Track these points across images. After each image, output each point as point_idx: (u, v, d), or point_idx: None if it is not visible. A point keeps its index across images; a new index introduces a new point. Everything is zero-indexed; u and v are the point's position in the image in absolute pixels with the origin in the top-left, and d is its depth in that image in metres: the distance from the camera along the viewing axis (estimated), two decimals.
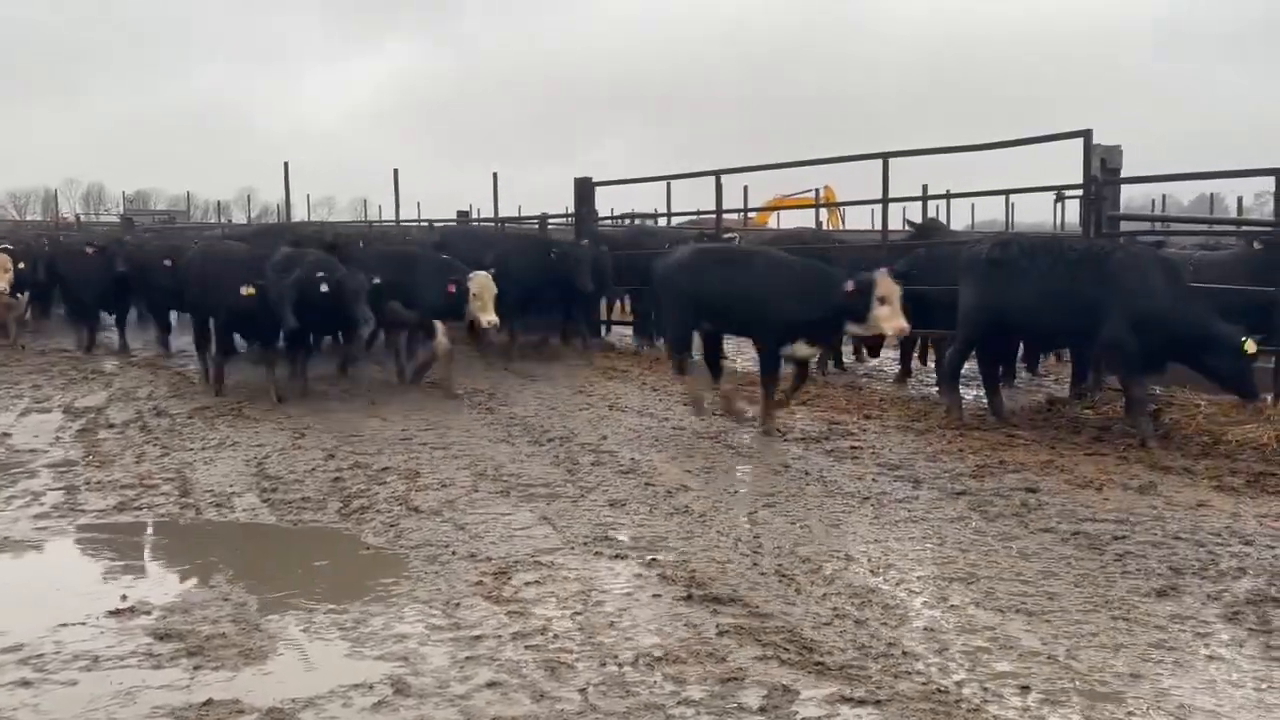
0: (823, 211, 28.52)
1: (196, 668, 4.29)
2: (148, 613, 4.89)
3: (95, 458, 8.11)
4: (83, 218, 45.21)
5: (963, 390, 9.85)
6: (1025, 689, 4.04)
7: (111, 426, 9.34)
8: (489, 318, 10.83)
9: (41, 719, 3.90)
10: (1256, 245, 9.69)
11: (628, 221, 23.72)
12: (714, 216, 16.15)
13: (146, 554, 5.97)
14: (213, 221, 44.17)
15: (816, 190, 27.48)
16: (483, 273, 10.90)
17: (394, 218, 25.18)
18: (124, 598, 5.06)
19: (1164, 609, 4.84)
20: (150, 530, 6.40)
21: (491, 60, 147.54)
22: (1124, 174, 10.39)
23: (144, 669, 4.28)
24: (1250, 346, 7.77)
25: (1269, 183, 10.17)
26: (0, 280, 14.67)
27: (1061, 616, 4.76)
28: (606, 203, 23.99)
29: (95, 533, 6.32)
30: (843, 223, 30.87)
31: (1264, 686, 4.08)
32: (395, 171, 23.91)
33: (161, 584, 5.39)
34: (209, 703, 3.95)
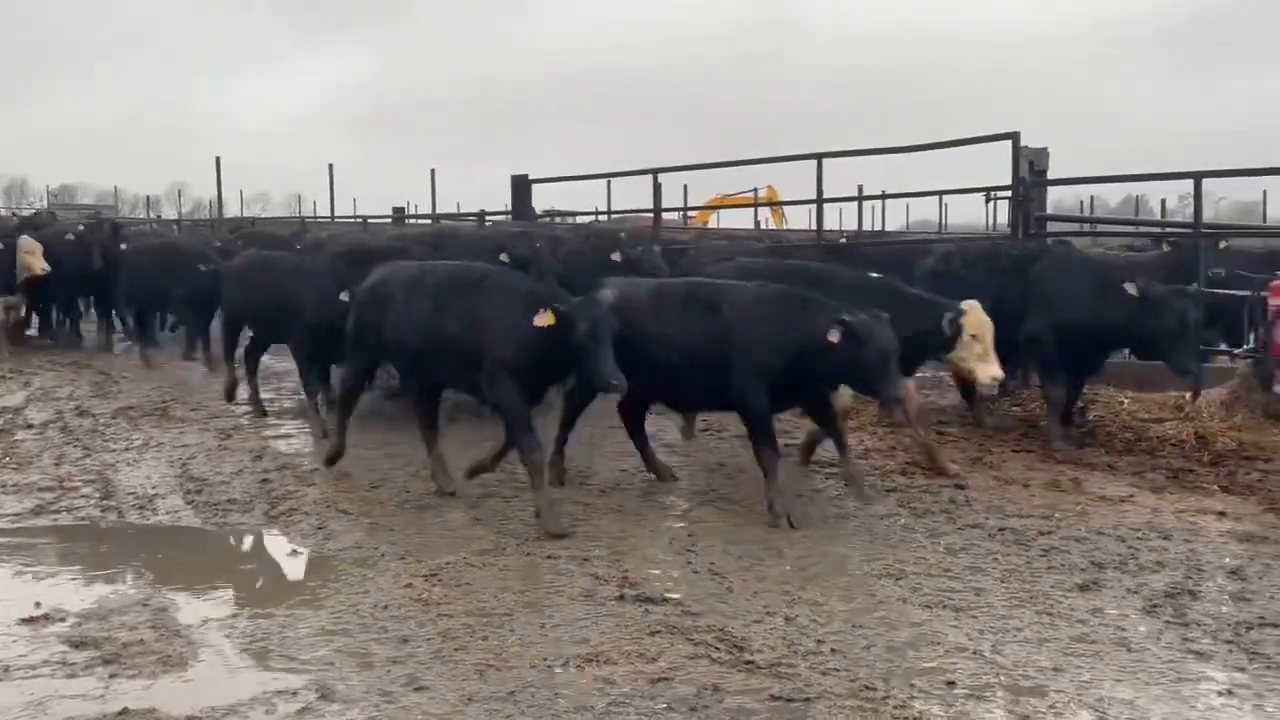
0: (764, 211, 28.72)
1: (112, 676, 4.17)
2: (63, 620, 4.75)
3: (12, 459, 7.87)
4: (3, 212, 43.84)
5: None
6: (951, 684, 4.09)
7: (30, 427, 9.07)
8: (992, 370, 7.10)
9: None
10: (1166, 247, 9.84)
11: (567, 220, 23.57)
12: (652, 215, 16.14)
13: (64, 559, 5.78)
14: (141, 217, 43.14)
15: (756, 190, 27.64)
16: (975, 302, 7.15)
17: (329, 214, 24.81)
18: (38, 605, 4.90)
19: (1086, 603, 4.94)
20: (69, 534, 6.21)
21: (431, 63, 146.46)
22: (1052, 176, 10.61)
23: (57, 678, 4.16)
24: None
25: (1190, 185, 10.44)
26: (36, 262, 13.27)
27: (987, 612, 4.83)
28: (545, 201, 23.86)
29: (9, 537, 6.12)
30: (785, 222, 31.10)
31: (1179, 678, 4.17)
32: (330, 167, 23.56)
33: (78, 590, 5.23)
34: (124, 712, 3.85)
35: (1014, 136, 10.15)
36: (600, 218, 22.25)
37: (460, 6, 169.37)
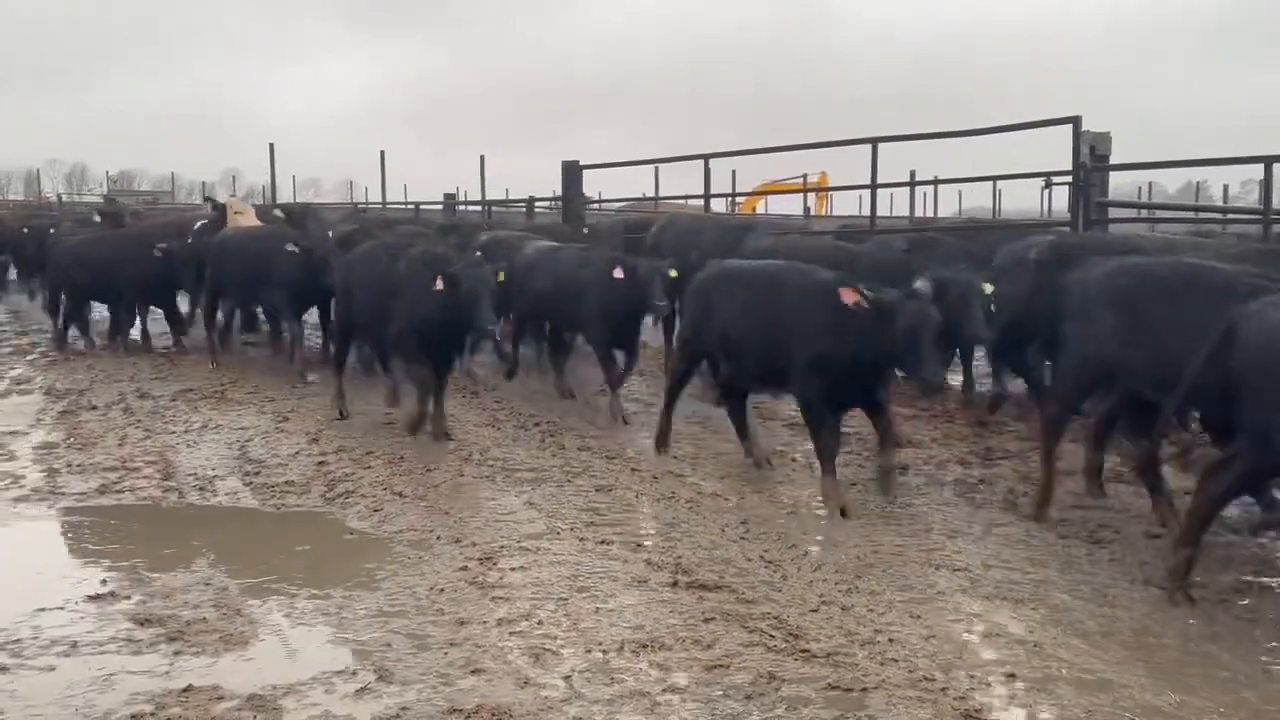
0: (811, 196, 28.48)
1: (177, 653, 4.25)
2: (128, 598, 4.85)
3: (77, 440, 8.03)
4: (65, 198, 44.80)
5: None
6: (1011, 676, 4.03)
7: (94, 409, 9.24)
8: None
9: (18, 705, 3.85)
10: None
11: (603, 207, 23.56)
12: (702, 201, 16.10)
13: (128, 538, 5.89)
14: (197, 203, 43.88)
15: (805, 176, 27.42)
16: None
17: (380, 200, 25.06)
18: (104, 582, 5.02)
19: (1149, 597, 4.83)
20: (132, 514, 6.33)
21: (480, 57, 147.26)
22: (1112, 161, 10.39)
23: (123, 655, 4.24)
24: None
25: (1256, 170, 10.19)
26: (247, 219, 12.09)
27: (1048, 604, 4.75)
28: (594, 187, 23.85)
29: (76, 516, 6.26)
30: (830, 209, 30.81)
31: (1243, 675, 4.07)
32: (382, 154, 23.85)
33: (143, 568, 5.33)
34: (189, 689, 3.91)
35: (1075, 121, 9.95)
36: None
37: (510, 2, 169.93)
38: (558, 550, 5.45)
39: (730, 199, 23.20)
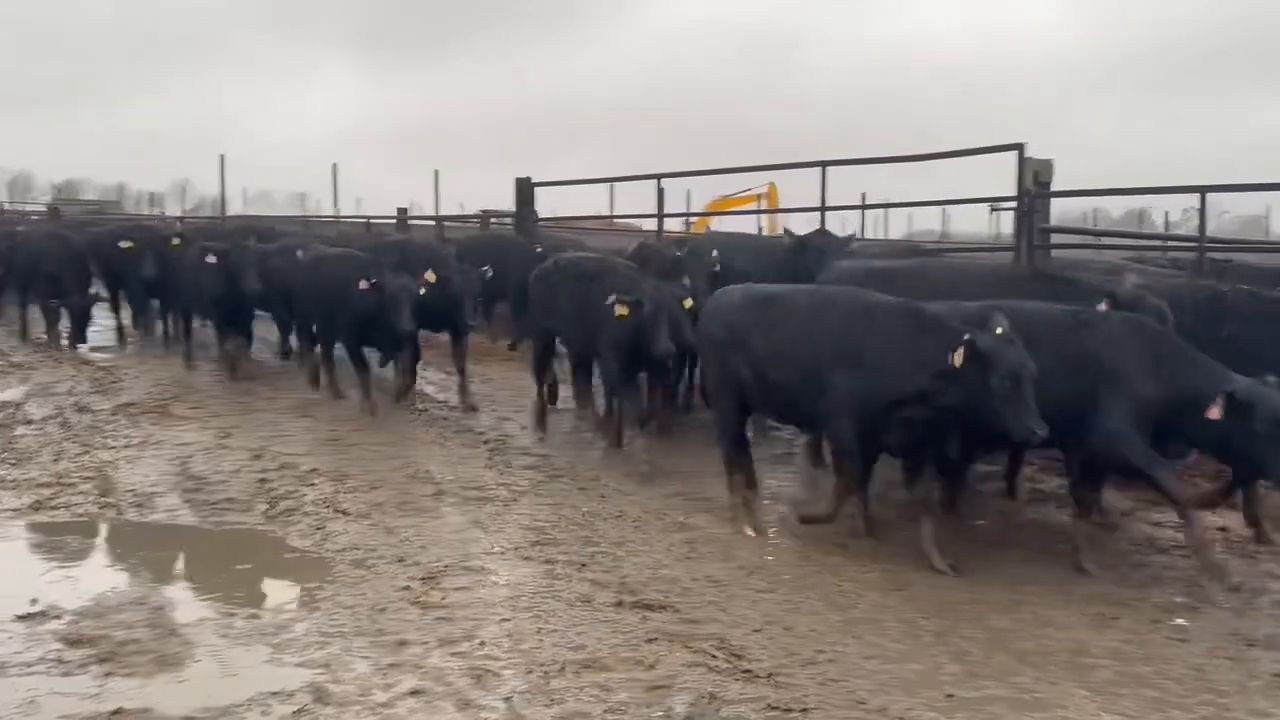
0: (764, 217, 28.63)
1: (107, 675, 4.15)
2: (58, 617, 4.74)
3: (10, 455, 7.84)
4: (6, 206, 43.81)
5: None
6: (950, 697, 4.07)
7: (30, 422, 9.03)
8: None
9: None
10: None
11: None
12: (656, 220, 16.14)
13: (61, 556, 5.75)
14: (146, 213, 43.15)
15: (751, 190, 27.55)
16: None
17: (333, 214, 24.86)
18: (34, 601, 4.89)
19: (1085, 619, 4.91)
20: (67, 531, 6.18)
21: (442, 85, 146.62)
22: (1056, 188, 10.59)
23: (52, 676, 4.14)
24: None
25: (1195, 199, 10.44)
26: None
27: (987, 622, 4.81)
28: (549, 206, 23.78)
29: (7, 533, 6.10)
30: (778, 228, 30.97)
31: (1173, 697, 4.15)
32: (334, 167, 23.78)
33: (75, 587, 5.21)
34: (119, 712, 3.83)
35: (1019, 148, 10.14)
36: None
37: (479, 36, 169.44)
38: (502, 570, 5.42)
39: (685, 219, 23.31)
